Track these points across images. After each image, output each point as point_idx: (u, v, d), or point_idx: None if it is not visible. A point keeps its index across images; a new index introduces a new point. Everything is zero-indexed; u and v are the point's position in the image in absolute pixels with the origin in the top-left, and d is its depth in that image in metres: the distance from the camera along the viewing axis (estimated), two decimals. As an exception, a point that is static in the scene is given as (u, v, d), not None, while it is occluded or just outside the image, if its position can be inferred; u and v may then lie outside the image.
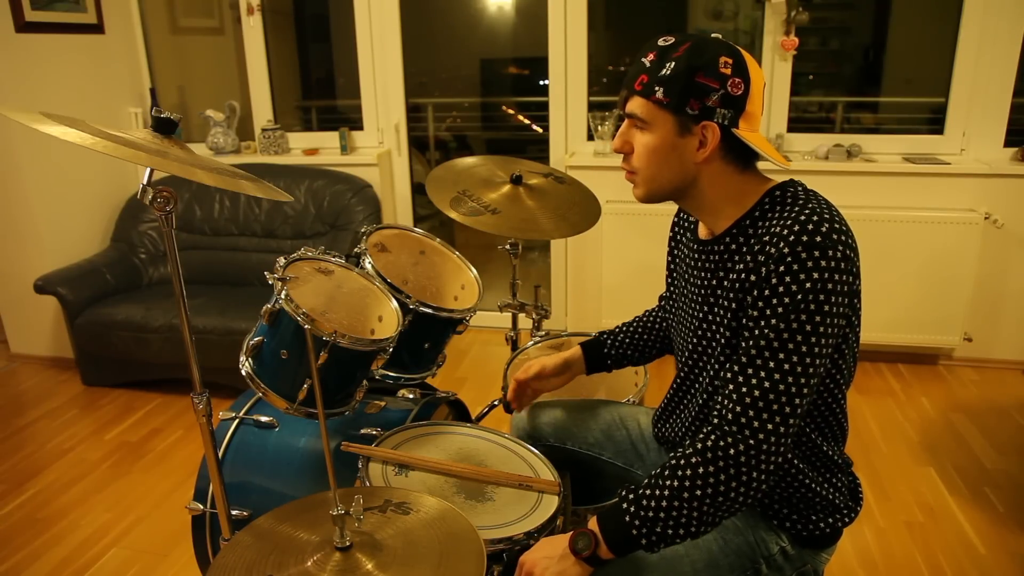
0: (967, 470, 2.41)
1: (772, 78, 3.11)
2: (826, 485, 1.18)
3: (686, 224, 1.30)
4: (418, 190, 3.64)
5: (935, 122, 3.10)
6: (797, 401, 1.01)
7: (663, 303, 1.53)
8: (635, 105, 1.11)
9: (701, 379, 1.21)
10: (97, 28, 3.41)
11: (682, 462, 1.04)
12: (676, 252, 1.34)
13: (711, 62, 1.05)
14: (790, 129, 3.18)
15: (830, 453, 1.18)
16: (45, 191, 3.21)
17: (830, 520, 1.18)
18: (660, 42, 1.09)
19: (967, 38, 2.90)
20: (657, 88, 1.07)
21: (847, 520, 1.20)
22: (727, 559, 1.18)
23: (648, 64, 1.08)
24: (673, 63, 1.06)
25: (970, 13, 2.87)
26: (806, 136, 3.19)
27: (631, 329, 1.53)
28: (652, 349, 1.52)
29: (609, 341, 1.53)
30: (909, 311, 3.03)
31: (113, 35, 3.49)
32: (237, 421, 1.61)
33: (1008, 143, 2.97)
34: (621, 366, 1.55)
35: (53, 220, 3.26)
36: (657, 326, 1.52)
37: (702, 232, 1.22)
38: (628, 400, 1.70)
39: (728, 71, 1.05)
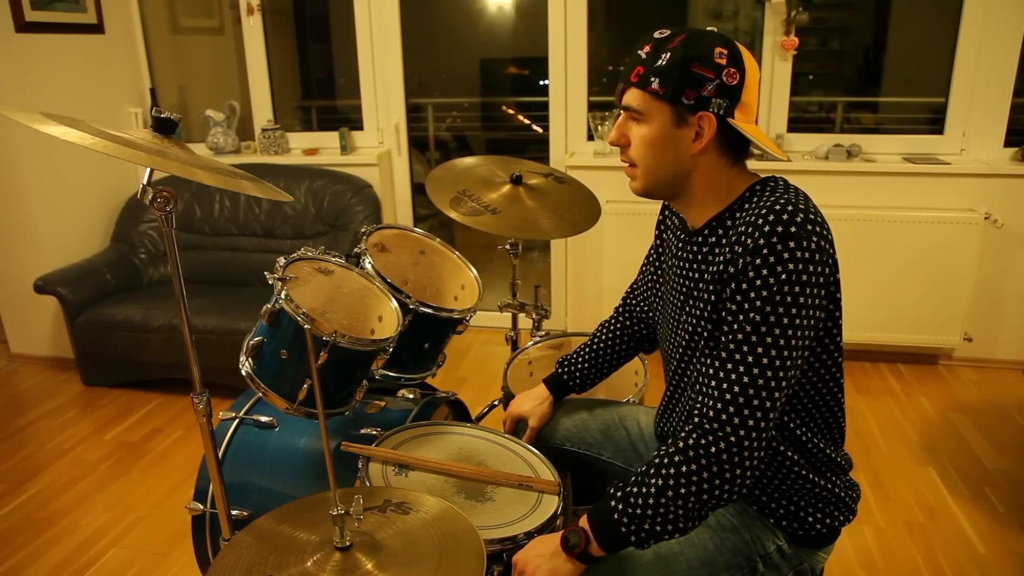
0: (967, 470, 2.41)
1: (772, 78, 3.11)
2: (826, 484, 1.18)
3: (673, 219, 1.29)
4: (418, 190, 3.64)
5: (935, 122, 3.10)
6: (776, 395, 1.01)
7: (622, 313, 1.54)
8: (631, 97, 1.11)
9: (690, 373, 1.21)
10: (97, 28, 3.41)
11: (666, 460, 1.04)
12: (663, 249, 1.34)
13: (706, 52, 1.05)
14: (790, 129, 3.18)
15: (831, 453, 1.18)
16: (45, 191, 3.21)
17: (827, 520, 1.18)
18: (656, 34, 1.09)
19: (967, 38, 2.90)
20: (653, 79, 1.07)
21: (844, 520, 1.20)
22: (723, 557, 1.18)
23: (644, 56, 1.08)
24: (669, 54, 1.06)
25: (970, 13, 2.87)
26: (806, 136, 3.19)
27: (589, 353, 1.55)
28: (612, 364, 1.55)
29: (566, 374, 1.55)
30: (909, 311, 3.03)
31: (113, 35, 3.49)
32: (237, 421, 1.61)
33: (1008, 143, 2.97)
34: (586, 389, 1.57)
35: (53, 220, 3.26)
36: (616, 342, 1.53)
37: (689, 225, 1.22)
38: (628, 400, 1.70)
39: (723, 61, 1.06)
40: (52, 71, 3.20)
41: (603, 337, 1.54)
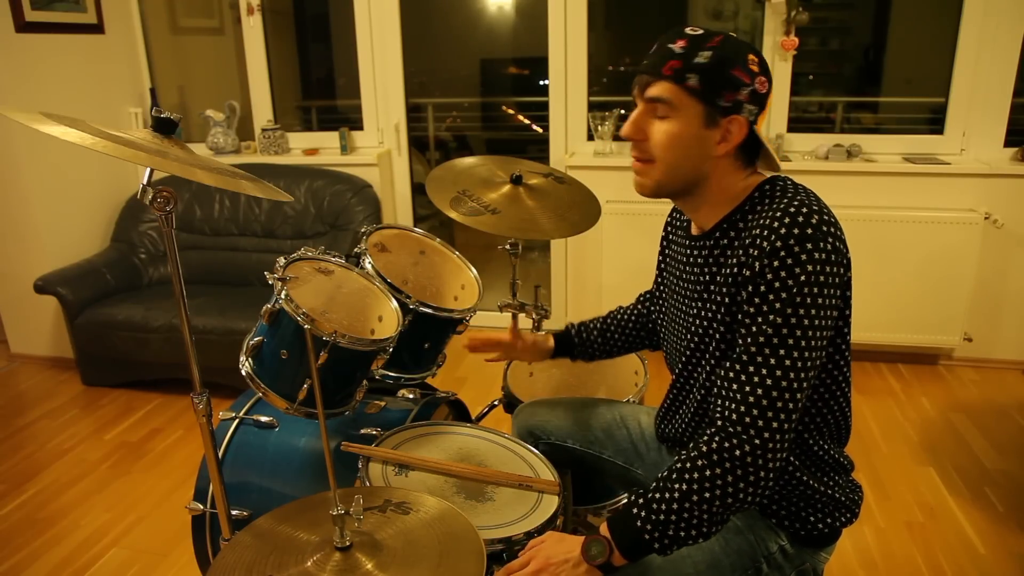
0: (967, 470, 2.41)
1: (772, 78, 3.10)
2: (824, 487, 1.18)
3: (679, 223, 1.29)
4: (418, 190, 3.64)
5: (935, 122, 3.10)
6: (798, 396, 1.01)
7: (642, 302, 1.55)
8: (663, 90, 1.07)
9: (697, 375, 1.21)
10: (97, 28, 3.41)
11: (688, 465, 1.04)
12: (668, 251, 1.34)
13: (743, 57, 1.06)
14: (790, 129, 3.18)
15: (833, 453, 1.18)
16: (45, 191, 3.21)
17: (828, 520, 1.18)
18: (688, 31, 1.07)
19: (967, 38, 2.90)
20: (690, 75, 1.05)
21: (845, 520, 1.20)
22: (729, 559, 1.18)
23: (679, 50, 1.06)
24: (710, 52, 1.04)
25: (970, 13, 2.87)
26: (806, 136, 3.19)
27: (600, 325, 1.56)
28: (619, 345, 1.55)
29: (574, 331, 1.57)
30: (909, 311, 3.03)
31: (113, 35, 3.49)
32: (237, 421, 1.61)
33: (1008, 143, 2.97)
34: (586, 357, 1.57)
35: (53, 220, 3.26)
36: (628, 324, 1.54)
37: (694, 229, 1.22)
38: (628, 400, 1.70)
39: (756, 68, 1.06)
40: (52, 71, 3.20)
41: (617, 317, 1.55)
